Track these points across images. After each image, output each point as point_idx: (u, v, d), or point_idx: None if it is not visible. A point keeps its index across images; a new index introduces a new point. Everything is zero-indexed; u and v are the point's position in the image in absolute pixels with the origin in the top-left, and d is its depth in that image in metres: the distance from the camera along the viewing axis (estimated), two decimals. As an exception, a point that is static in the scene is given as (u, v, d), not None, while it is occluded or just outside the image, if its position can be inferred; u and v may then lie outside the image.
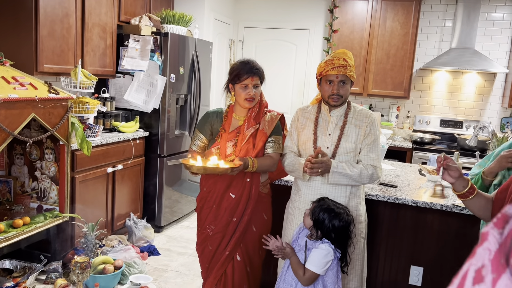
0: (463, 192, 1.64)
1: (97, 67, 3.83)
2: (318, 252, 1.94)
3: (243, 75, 2.25)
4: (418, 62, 5.32)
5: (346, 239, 1.99)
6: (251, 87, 2.26)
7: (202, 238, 2.38)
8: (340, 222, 1.95)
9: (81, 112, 3.35)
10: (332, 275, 1.97)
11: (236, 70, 2.29)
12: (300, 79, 5.83)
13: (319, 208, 1.99)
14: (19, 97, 2.51)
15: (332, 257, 1.94)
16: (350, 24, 5.15)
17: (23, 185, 3.18)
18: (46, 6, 3.20)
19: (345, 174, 2.10)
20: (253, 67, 2.27)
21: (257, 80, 2.28)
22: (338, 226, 1.95)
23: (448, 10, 5.18)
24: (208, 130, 2.39)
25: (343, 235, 1.97)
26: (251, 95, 2.26)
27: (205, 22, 5.06)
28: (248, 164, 2.19)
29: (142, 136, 4.02)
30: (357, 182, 2.15)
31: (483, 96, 5.21)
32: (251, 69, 2.25)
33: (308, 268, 1.93)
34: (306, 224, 2.03)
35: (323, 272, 1.93)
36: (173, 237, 4.14)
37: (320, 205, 2.01)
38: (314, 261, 1.93)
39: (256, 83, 2.27)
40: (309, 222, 2.00)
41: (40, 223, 2.86)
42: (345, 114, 2.24)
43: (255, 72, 2.26)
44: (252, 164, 2.20)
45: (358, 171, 2.12)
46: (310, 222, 2.00)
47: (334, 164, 2.09)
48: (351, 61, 2.18)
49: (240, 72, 2.26)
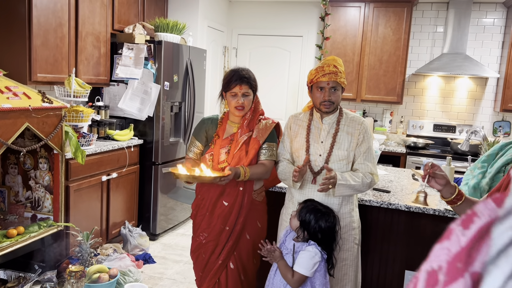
0: (451, 199, 1.65)
1: (91, 76, 3.84)
2: (305, 254, 1.96)
3: (232, 83, 2.26)
4: (411, 67, 5.37)
5: (332, 240, 2.02)
6: (240, 96, 2.26)
7: (195, 246, 2.39)
8: (326, 223, 1.98)
9: (75, 121, 3.35)
10: (320, 277, 1.99)
11: (226, 78, 2.31)
12: (294, 85, 5.86)
13: (306, 209, 2.02)
14: (12, 106, 2.51)
15: (320, 258, 1.96)
16: (342, 30, 5.20)
17: (17, 195, 3.17)
18: (40, 16, 3.21)
19: (349, 186, 2.10)
20: (242, 75, 2.26)
21: (246, 88, 2.27)
22: (324, 227, 1.98)
23: (440, 16, 5.24)
24: (204, 136, 2.41)
25: (329, 236, 2.00)
26: (239, 103, 2.27)
27: (198, 29, 5.08)
28: (240, 173, 2.19)
29: (136, 144, 4.02)
30: (358, 192, 2.17)
31: (475, 100, 5.25)
32: (239, 77, 2.25)
33: (297, 271, 1.95)
34: (292, 225, 2.05)
35: (311, 274, 1.95)
36: (169, 245, 4.13)
37: (306, 206, 2.03)
38: (302, 263, 1.94)
39: (245, 91, 2.27)
40: (295, 223, 2.02)
41: (35, 233, 2.85)
42: (337, 121, 2.25)
43: (243, 80, 2.25)
44: (244, 173, 2.20)
45: (360, 180, 2.13)
46: (296, 223, 2.02)
47: (339, 177, 2.08)
48: (341, 67, 2.20)
49: (229, 81, 2.28)
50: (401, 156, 4.92)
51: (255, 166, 2.28)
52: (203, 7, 5.16)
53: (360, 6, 5.14)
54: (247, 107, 2.31)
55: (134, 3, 4.37)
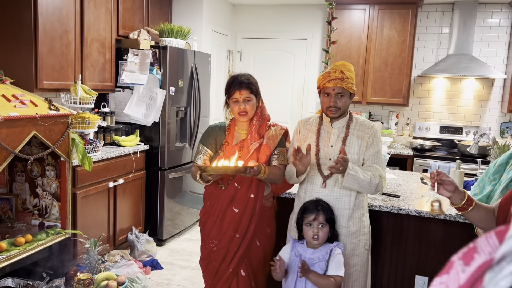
0: (461, 205, 1.62)
1: (97, 82, 3.84)
2: (338, 257, 1.99)
3: (231, 89, 2.25)
4: (416, 69, 5.34)
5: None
6: (241, 101, 2.25)
7: (205, 253, 2.37)
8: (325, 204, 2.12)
9: (81, 128, 3.35)
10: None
11: (227, 85, 2.30)
12: (299, 88, 5.84)
13: (325, 208, 2.07)
14: (19, 115, 2.51)
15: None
16: (347, 33, 5.18)
17: (24, 202, 3.17)
18: (45, 24, 3.22)
19: (358, 178, 2.07)
20: (241, 80, 2.24)
21: (247, 93, 2.24)
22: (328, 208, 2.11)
23: (445, 17, 5.21)
24: (213, 143, 2.39)
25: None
26: (241, 109, 2.25)
27: (203, 34, 5.08)
28: (261, 170, 2.15)
29: (142, 149, 4.01)
30: (365, 189, 2.13)
31: (482, 101, 5.22)
32: (238, 82, 2.24)
33: (339, 275, 1.96)
34: (323, 237, 2.02)
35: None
36: (176, 250, 4.12)
37: (317, 204, 2.08)
38: (340, 266, 1.97)
39: (246, 96, 2.24)
40: (324, 234, 2.01)
41: (42, 241, 2.84)
42: (347, 126, 2.24)
43: (242, 85, 2.23)
44: (264, 171, 2.16)
45: (369, 177, 2.11)
46: (326, 233, 2.02)
47: (350, 166, 2.05)
48: (350, 73, 2.18)
49: (229, 87, 2.27)
50: (408, 159, 4.89)
51: (273, 167, 2.27)
52: (207, 12, 5.16)
53: (364, 8, 5.12)
54: (251, 112, 2.29)
55: (139, 9, 4.37)
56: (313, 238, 2.03)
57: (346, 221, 2.19)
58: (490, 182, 2.08)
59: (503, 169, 2.05)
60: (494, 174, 2.09)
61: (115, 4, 4.00)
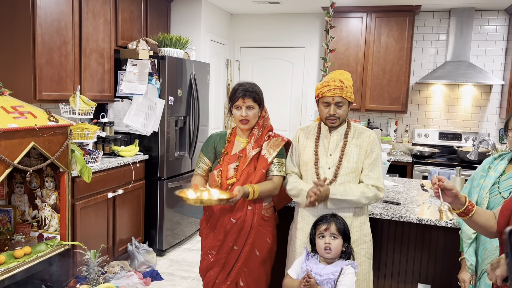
0: (462, 210, 1.61)
1: (96, 92, 3.84)
2: (349, 278, 1.93)
3: (235, 96, 2.27)
4: (414, 76, 5.36)
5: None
6: (244, 109, 2.26)
7: (204, 264, 2.36)
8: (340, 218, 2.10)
9: (80, 139, 3.34)
10: None
11: (231, 92, 2.33)
12: (298, 96, 5.85)
13: (338, 219, 2.05)
14: (19, 126, 2.50)
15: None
16: (345, 41, 5.20)
17: (23, 214, 3.15)
18: (44, 35, 3.23)
19: (344, 200, 2.10)
20: (245, 88, 2.26)
21: (250, 101, 2.26)
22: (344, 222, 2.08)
23: (442, 24, 5.24)
24: (212, 153, 2.40)
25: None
26: (243, 116, 2.26)
27: (201, 43, 5.09)
28: (249, 193, 2.16)
29: (142, 159, 4.00)
30: (358, 205, 2.15)
31: (481, 107, 5.23)
32: (242, 90, 2.26)
33: None
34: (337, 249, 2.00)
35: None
36: (176, 260, 4.10)
37: (330, 215, 2.07)
38: (351, 285, 1.92)
39: (249, 104, 2.26)
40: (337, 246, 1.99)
41: (42, 253, 2.82)
42: (345, 134, 2.24)
43: (246, 93, 2.25)
44: (253, 193, 2.17)
45: (358, 194, 2.11)
46: (339, 245, 1.99)
47: (333, 191, 2.08)
48: (348, 81, 2.19)
49: (233, 94, 2.29)
50: (408, 165, 4.88)
51: (264, 184, 2.25)
52: (205, 21, 5.18)
53: (362, 16, 5.15)
54: (252, 121, 2.29)
55: (137, 19, 4.39)
56: (325, 250, 1.98)
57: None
58: (475, 189, 2.07)
59: (486, 174, 2.05)
60: (478, 180, 2.08)
61: (113, 15, 4.01)
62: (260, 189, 2.20)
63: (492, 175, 1.97)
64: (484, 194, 1.94)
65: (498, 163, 2.01)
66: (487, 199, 1.92)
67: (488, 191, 1.93)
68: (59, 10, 3.35)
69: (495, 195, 1.90)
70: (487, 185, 1.96)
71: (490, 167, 2.04)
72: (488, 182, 1.96)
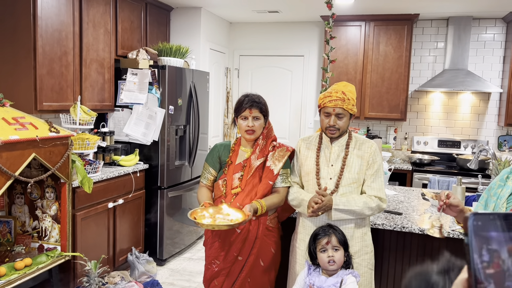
0: None
1: (96, 102, 3.84)
2: (352, 286, 1.94)
3: (242, 107, 2.29)
4: (413, 84, 5.38)
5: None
6: (250, 119, 2.28)
7: (209, 275, 2.35)
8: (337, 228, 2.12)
9: (81, 149, 3.34)
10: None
11: (237, 103, 2.34)
12: (297, 104, 5.87)
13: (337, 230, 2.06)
14: (20, 138, 2.50)
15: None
16: (344, 49, 5.23)
17: (23, 225, 3.14)
18: (45, 46, 3.23)
19: (348, 211, 2.10)
20: (252, 99, 2.29)
21: (256, 112, 2.29)
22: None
23: (440, 32, 5.28)
24: (217, 163, 2.41)
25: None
26: (249, 127, 2.28)
27: (201, 52, 5.11)
28: (258, 209, 2.18)
29: (142, 168, 4.00)
30: (361, 215, 2.15)
31: (479, 115, 5.25)
32: (249, 101, 2.29)
33: None
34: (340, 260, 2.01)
35: None
36: (176, 270, 4.08)
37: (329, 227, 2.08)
38: None
39: (255, 115, 2.29)
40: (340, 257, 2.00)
41: (42, 264, 2.81)
42: (347, 145, 2.25)
43: (253, 104, 2.28)
44: (261, 209, 2.19)
45: (361, 205, 2.11)
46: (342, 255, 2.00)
47: (336, 202, 2.09)
48: (351, 94, 2.20)
49: (240, 104, 2.31)
50: (407, 173, 4.89)
51: (270, 198, 2.27)
52: (205, 30, 5.20)
53: (360, 24, 5.18)
54: (258, 131, 2.31)
55: (137, 29, 4.40)
56: (329, 263, 1.99)
57: (348, 240, 2.18)
58: (492, 198, 2.08)
59: (504, 184, 2.06)
60: (496, 189, 2.09)
61: (113, 25, 4.03)
62: (267, 204, 2.23)
63: (510, 185, 1.98)
64: (501, 204, 1.94)
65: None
66: (503, 208, 1.93)
67: (506, 200, 1.94)
68: (59, 20, 3.36)
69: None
70: (504, 194, 1.96)
71: (509, 177, 2.05)
72: (506, 191, 1.96)
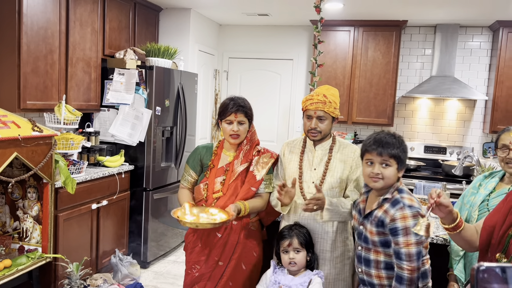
0: (453, 225, 1.62)
1: (81, 102, 3.79)
2: (317, 286, 1.97)
3: (227, 111, 2.26)
4: (400, 90, 5.42)
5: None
6: (235, 123, 2.26)
7: (189, 280, 2.32)
8: (303, 228, 2.15)
9: (65, 149, 3.29)
10: None
11: (222, 106, 2.31)
12: (285, 108, 5.87)
13: (299, 232, 2.08)
14: (1, 137, 2.46)
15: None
16: (332, 54, 5.25)
17: (4, 225, 3.08)
18: (30, 43, 3.18)
19: (338, 212, 2.09)
20: (237, 103, 2.27)
21: (241, 116, 2.26)
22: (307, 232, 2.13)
23: (427, 39, 5.33)
24: (198, 165, 2.39)
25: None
26: (234, 131, 2.26)
27: (189, 53, 5.09)
28: (241, 210, 2.17)
29: (127, 170, 3.96)
30: (348, 219, 2.15)
31: (465, 122, 5.31)
32: (235, 105, 2.26)
33: None
34: (299, 262, 2.01)
35: None
36: (160, 273, 4.04)
37: (291, 229, 2.11)
38: None
39: (240, 119, 2.26)
40: (301, 259, 1.99)
41: (22, 265, 2.76)
42: (330, 149, 2.24)
43: (239, 108, 2.25)
44: (244, 210, 2.18)
45: (349, 207, 2.11)
46: (303, 257, 1.99)
47: (328, 202, 2.07)
48: (333, 97, 2.19)
49: (225, 108, 2.28)
50: (393, 178, 4.91)
51: (253, 201, 2.25)
52: (194, 32, 5.18)
53: (349, 30, 5.20)
54: (242, 135, 2.29)
55: (125, 29, 4.36)
56: (290, 264, 2.07)
57: (330, 245, 2.18)
58: (465, 206, 2.09)
59: (476, 192, 2.08)
60: (469, 197, 2.10)
61: (101, 24, 3.99)
62: (250, 206, 2.22)
63: (482, 193, 1.99)
64: (473, 211, 1.96)
65: (489, 181, 2.03)
66: (475, 216, 1.94)
67: (477, 208, 1.95)
68: (45, 18, 3.31)
69: (484, 213, 1.92)
70: (476, 202, 1.98)
71: (481, 185, 2.06)
72: (478, 199, 1.98)
